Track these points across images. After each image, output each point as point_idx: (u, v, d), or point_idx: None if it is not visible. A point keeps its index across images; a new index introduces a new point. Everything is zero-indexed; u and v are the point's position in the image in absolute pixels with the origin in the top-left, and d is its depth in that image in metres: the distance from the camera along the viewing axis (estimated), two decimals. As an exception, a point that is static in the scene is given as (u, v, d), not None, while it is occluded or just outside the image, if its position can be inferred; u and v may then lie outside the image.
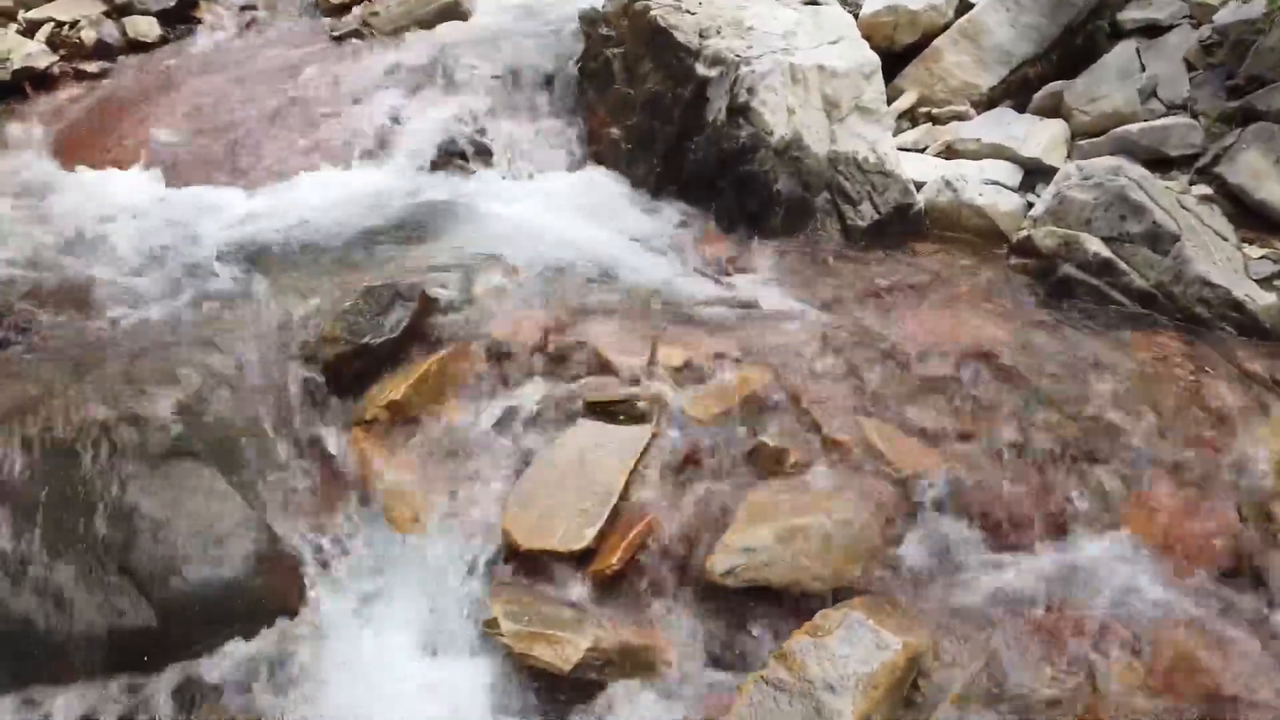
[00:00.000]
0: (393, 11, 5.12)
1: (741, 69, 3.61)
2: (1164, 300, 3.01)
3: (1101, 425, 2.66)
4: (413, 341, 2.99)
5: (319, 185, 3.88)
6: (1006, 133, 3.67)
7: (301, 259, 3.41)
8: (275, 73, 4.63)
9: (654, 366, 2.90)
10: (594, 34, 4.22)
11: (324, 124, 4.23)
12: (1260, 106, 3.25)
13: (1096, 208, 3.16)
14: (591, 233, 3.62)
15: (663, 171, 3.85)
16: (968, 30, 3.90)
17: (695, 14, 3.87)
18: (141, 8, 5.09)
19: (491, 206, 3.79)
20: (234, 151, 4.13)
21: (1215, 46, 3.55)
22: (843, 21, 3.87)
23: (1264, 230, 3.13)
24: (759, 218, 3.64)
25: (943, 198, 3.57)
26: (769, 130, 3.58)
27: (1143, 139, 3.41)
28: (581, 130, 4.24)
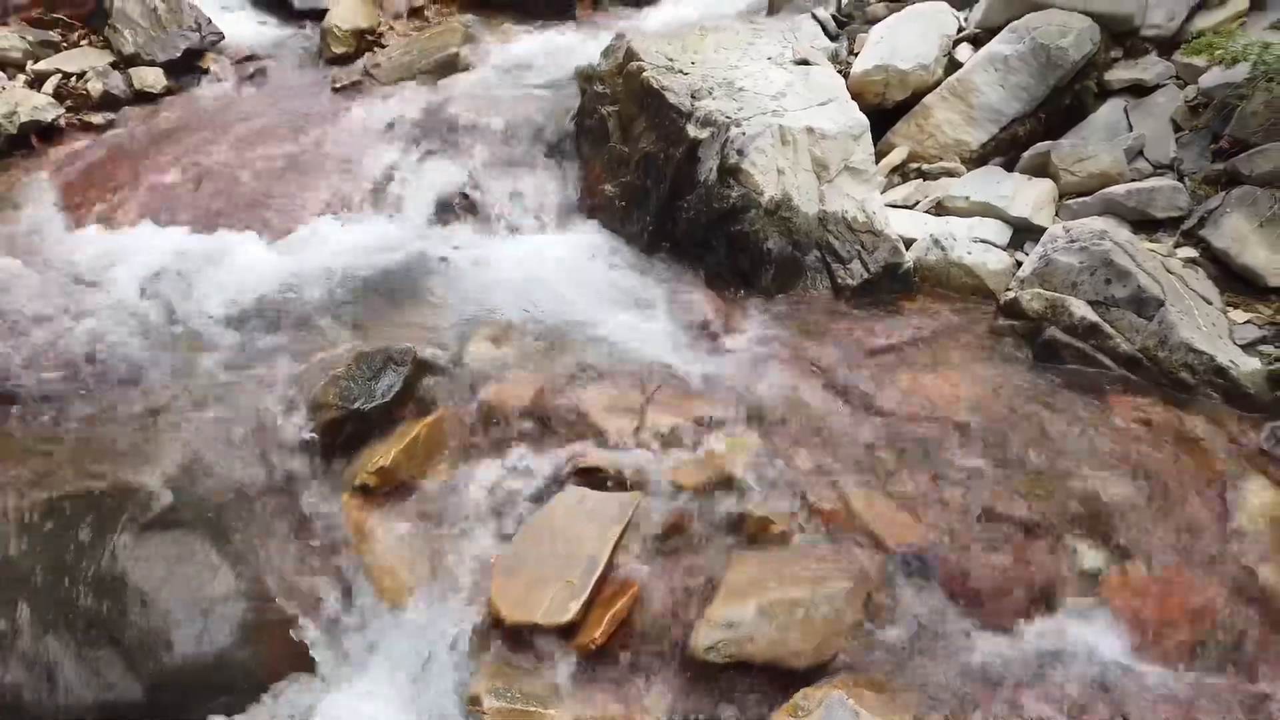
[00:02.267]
0: (394, 63, 5.21)
1: (732, 130, 3.66)
2: (1149, 365, 3.02)
3: (1085, 495, 2.68)
4: (405, 404, 3.03)
5: (318, 240, 3.93)
6: (995, 191, 3.70)
7: (299, 317, 3.46)
8: (277, 125, 4.71)
9: (642, 432, 2.93)
10: (590, 91, 4.29)
11: (324, 178, 4.29)
12: (1244, 170, 3.28)
13: (1082, 271, 3.19)
14: (584, 291, 3.66)
15: (656, 229, 3.89)
16: (957, 89, 3.95)
17: (688, 74, 3.93)
18: (148, 59, 5.17)
19: (487, 262, 3.84)
20: (234, 207, 4.19)
21: (1201, 108, 3.59)
22: (833, 83, 3.92)
23: (1248, 294, 3.15)
24: (750, 276, 3.68)
25: (932, 256, 3.60)
26: (759, 190, 3.62)
27: (1129, 201, 3.44)
28: (577, 185, 4.29)
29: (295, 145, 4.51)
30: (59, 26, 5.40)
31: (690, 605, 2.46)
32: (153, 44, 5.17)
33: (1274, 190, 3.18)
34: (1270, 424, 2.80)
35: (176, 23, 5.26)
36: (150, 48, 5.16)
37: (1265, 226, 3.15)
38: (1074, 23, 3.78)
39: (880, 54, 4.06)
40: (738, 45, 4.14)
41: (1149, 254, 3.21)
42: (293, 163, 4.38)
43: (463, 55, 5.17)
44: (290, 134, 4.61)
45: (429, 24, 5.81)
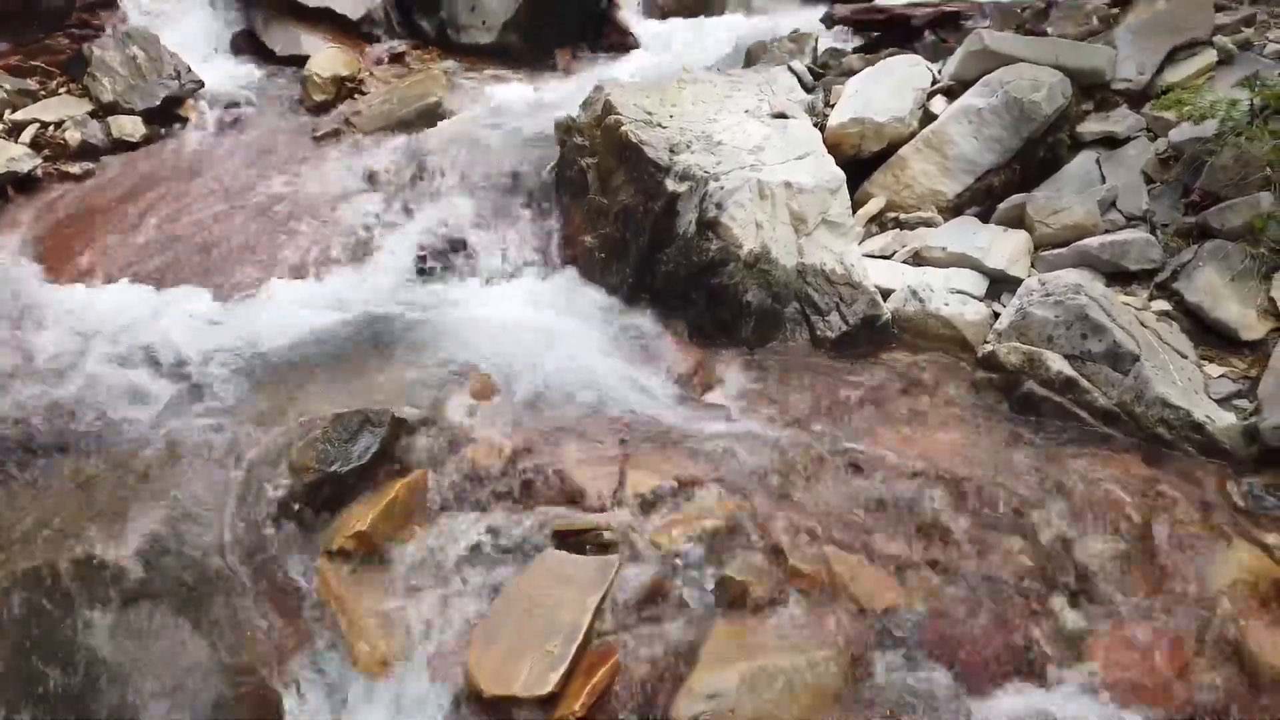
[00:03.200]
0: (374, 111, 5.22)
1: (710, 185, 3.69)
2: (1126, 419, 3.04)
3: (1066, 553, 2.68)
4: (382, 465, 3.00)
5: (295, 294, 3.92)
6: (972, 242, 3.73)
7: (276, 376, 3.43)
8: (256, 175, 4.70)
9: (622, 492, 2.92)
10: (569, 143, 4.31)
11: (303, 229, 4.29)
12: (1215, 224, 3.33)
13: (1058, 325, 3.22)
14: (564, 344, 3.65)
15: (635, 281, 3.90)
16: (932, 140, 3.99)
17: (666, 128, 3.96)
18: (127, 107, 5.16)
19: (466, 316, 3.83)
20: (212, 259, 4.17)
21: (1172, 160, 3.64)
22: (809, 136, 3.96)
23: (1222, 348, 3.18)
24: (730, 328, 3.69)
25: (910, 307, 3.62)
26: (738, 244, 3.64)
27: (1103, 253, 3.48)
28: (557, 235, 4.30)
29: (274, 195, 4.50)
30: (37, 75, 5.39)
31: (671, 674, 2.44)
32: (132, 92, 5.16)
33: (1245, 244, 3.22)
34: (1247, 480, 2.82)
35: (156, 71, 5.26)
36: (129, 96, 5.15)
37: (1237, 280, 3.19)
38: (1045, 77, 3.84)
39: (856, 107, 4.10)
40: (715, 98, 4.18)
41: (1124, 308, 3.24)
42: (271, 213, 4.38)
43: (443, 104, 5.20)
44: (269, 184, 4.61)
45: (410, 71, 5.84)
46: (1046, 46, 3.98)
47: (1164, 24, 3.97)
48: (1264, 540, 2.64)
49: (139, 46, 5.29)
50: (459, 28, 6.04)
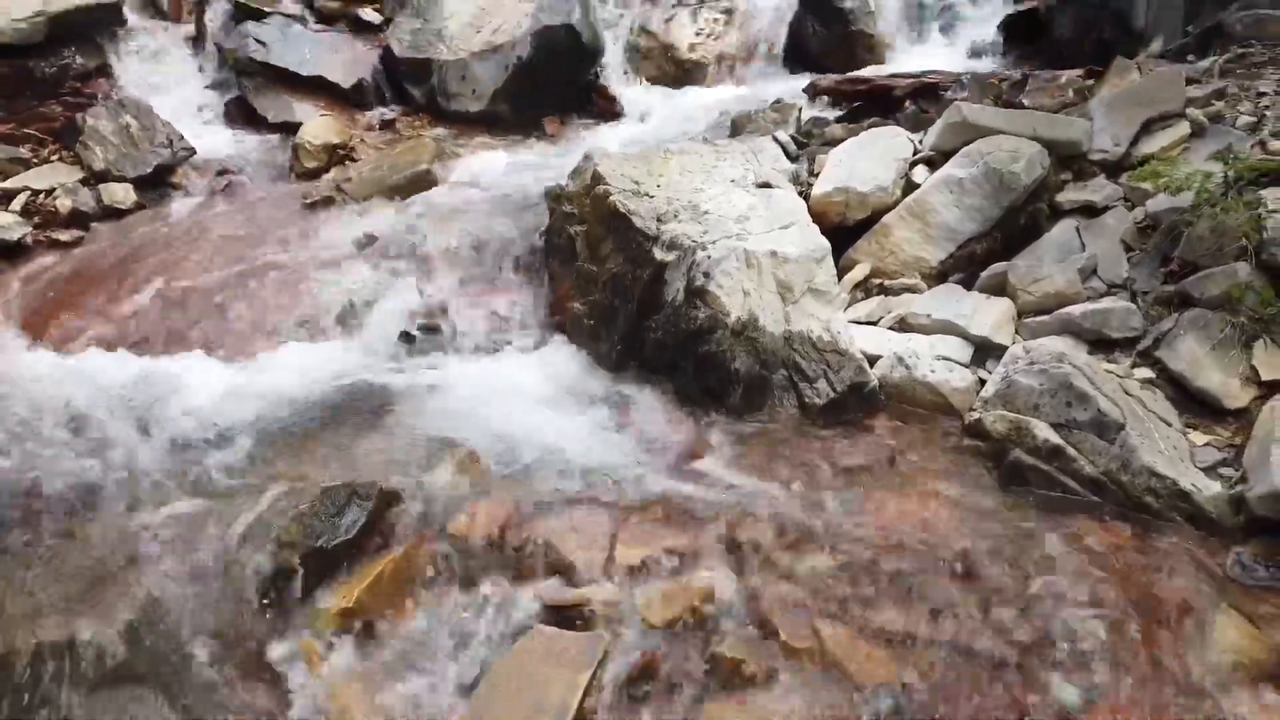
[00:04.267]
0: (364, 178, 5.29)
1: (698, 254, 3.74)
2: (1114, 488, 3.05)
3: (1057, 626, 2.66)
4: (369, 539, 2.97)
5: (283, 363, 3.92)
6: (956, 309, 3.78)
7: (262, 447, 3.41)
8: (246, 243, 4.73)
9: (611, 564, 2.89)
10: (558, 210, 4.36)
11: (291, 298, 4.30)
12: (1195, 293, 3.38)
13: (1043, 394, 3.25)
14: (552, 413, 3.66)
15: (624, 349, 3.92)
16: (915, 209, 4.06)
17: (654, 197, 4.01)
18: (118, 174, 5.21)
19: (455, 383, 3.84)
20: (200, 327, 4.18)
21: (1150, 229, 3.71)
22: (794, 206, 4.03)
23: (1206, 416, 3.20)
24: (718, 395, 3.70)
25: (896, 374, 3.65)
26: (725, 312, 3.67)
27: (1085, 321, 3.52)
28: (546, 302, 4.33)
29: (263, 263, 4.53)
30: (30, 142, 5.45)
31: (662, 756, 2.40)
32: (124, 160, 5.22)
33: (1224, 313, 3.27)
34: (1236, 549, 2.83)
35: (149, 139, 5.33)
36: (121, 164, 5.21)
37: (1218, 350, 3.23)
38: (1024, 148, 3.93)
39: (840, 176, 4.18)
40: (702, 168, 4.25)
41: (1108, 376, 3.27)
42: (260, 282, 4.39)
43: (433, 171, 5.26)
44: (259, 252, 4.64)
45: (400, 138, 5.94)
46: (1024, 119, 4.08)
47: (1137, 97, 4.08)
48: (1254, 612, 2.64)
49: (131, 115, 5.36)
50: (449, 96, 6.14)
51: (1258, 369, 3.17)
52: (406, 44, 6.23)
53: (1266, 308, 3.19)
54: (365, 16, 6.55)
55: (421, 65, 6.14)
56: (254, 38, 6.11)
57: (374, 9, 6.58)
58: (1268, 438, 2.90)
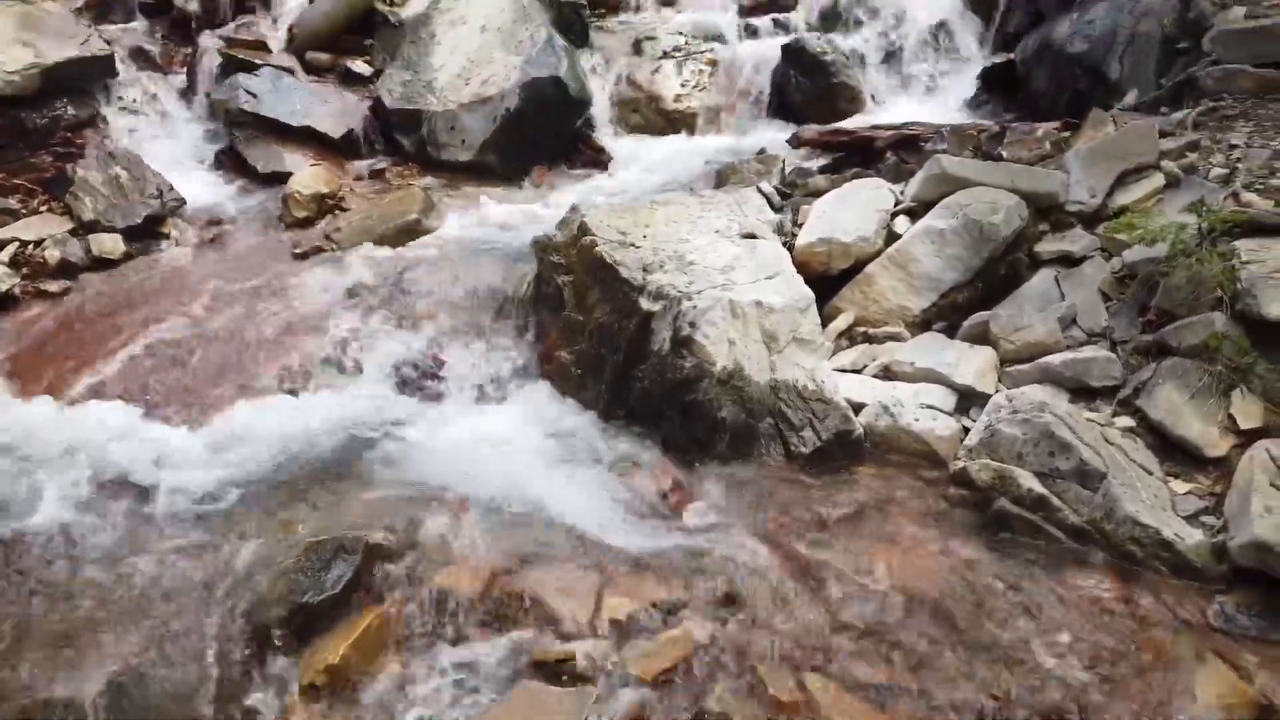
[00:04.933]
0: (355, 228, 5.33)
1: (684, 304, 3.78)
2: (1098, 537, 3.07)
3: (1044, 678, 2.67)
4: (355, 593, 2.96)
5: (272, 413, 3.91)
6: (939, 358, 3.82)
7: (250, 499, 3.41)
8: (235, 293, 4.75)
9: (598, 618, 2.89)
10: (546, 260, 4.40)
11: (280, 348, 4.31)
12: (1172, 342, 3.43)
13: (1026, 443, 3.28)
14: (541, 462, 3.67)
15: (611, 398, 3.95)
16: (897, 259, 4.12)
17: (640, 248, 4.06)
18: (108, 225, 5.23)
19: (442, 434, 3.85)
20: (188, 377, 4.18)
21: (1128, 279, 3.78)
22: (779, 256, 4.08)
23: (1187, 464, 3.23)
24: (705, 444, 3.72)
25: (881, 422, 3.68)
26: (711, 361, 3.71)
27: (1066, 370, 3.56)
28: (534, 351, 4.35)
29: (252, 313, 4.54)
30: (19, 193, 5.47)
31: (650, 814, 2.38)
32: (113, 211, 5.24)
33: (1201, 363, 3.32)
34: (1219, 599, 2.84)
35: (139, 190, 5.36)
36: (111, 214, 5.23)
37: (1197, 398, 3.28)
38: (1002, 199, 4.00)
39: (823, 227, 4.24)
40: (687, 219, 4.31)
41: (1089, 425, 3.31)
42: (249, 332, 4.40)
43: (422, 221, 5.31)
44: (248, 302, 4.65)
45: (390, 187, 5.99)
46: (1002, 172, 4.16)
47: (1112, 150, 4.17)
48: (1239, 661, 2.65)
49: (122, 166, 5.40)
50: (439, 145, 6.21)
51: (1236, 417, 3.21)
52: (397, 95, 6.32)
53: (1243, 357, 3.24)
54: (355, 68, 6.65)
55: (411, 116, 6.22)
56: (245, 89, 6.18)
57: (364, 61, 6.69)
58: (1247, 487, 2.93)
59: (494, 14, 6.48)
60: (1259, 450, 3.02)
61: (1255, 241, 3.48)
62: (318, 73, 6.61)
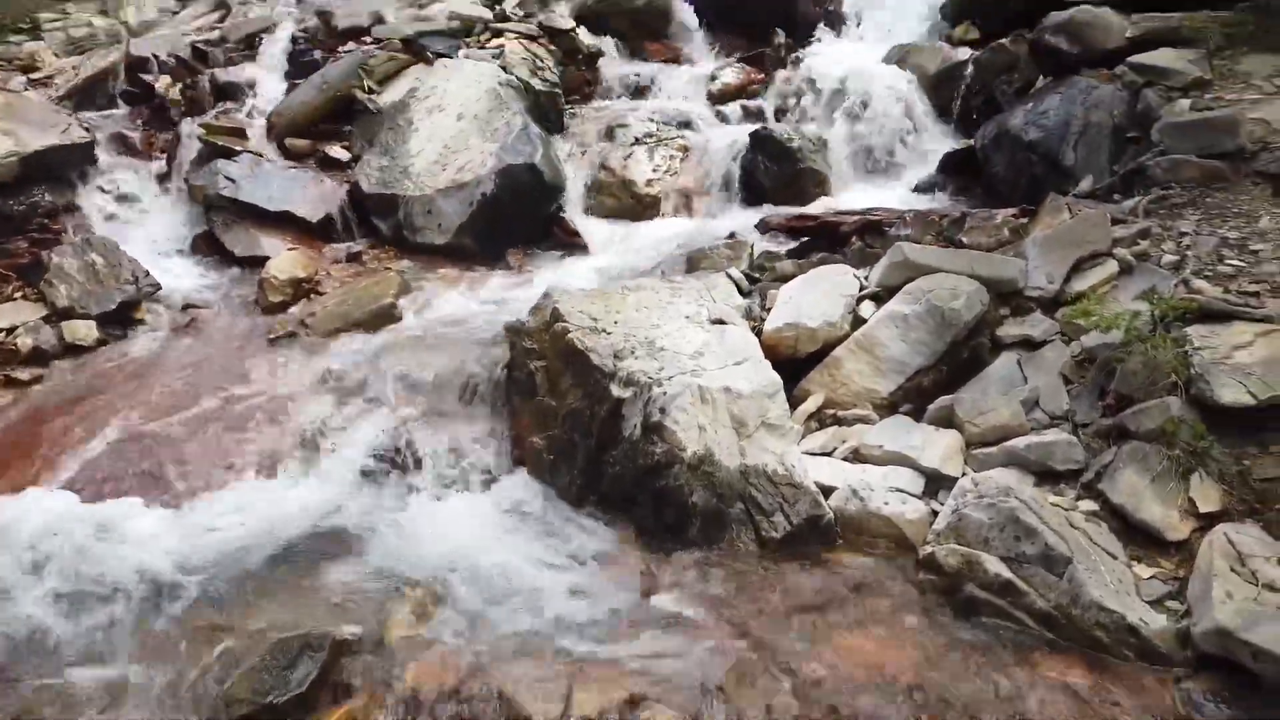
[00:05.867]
0: (330, 312, 5.37)
1: (654, 390, 3.83)
2: (1065, 623, 3.09)
3: (1015, 769, 2.67)
4: (321, 691, 2.92)
5: (241, 504, 3.90)
6: (906, 441, 3.87)
7: (217, 592, 3.38)
8: (208, 380, 4.76)
9: (569, 714, 2.86)
10: (519, 346, 4.46)
11: (251, 436, 4.31)
12: (1131, 426, 3.51)
13: (993, 527, 3.32)
14: (510, 552, 3.66)
15: (583, 483, 3.96)
16: (863, 342, 4.21)
17: (611, 334, 4.13)
18: (82, 312, 5.24)
19: (412, 523, 3.84)
20: (158, 465, 4.15)
21: (1087, 363, 3.87)
22: (747, 342, 4.16)
23: (1150, 548, 3.28)
24: (677, 529, 3.73)
25: (851, 506, 3.71)
26: (682, 446, 3.74)
27: (1030, 454, 3.63)
28: (507, 435, 4.37)
29: (224, 401, 4.55)
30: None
31: None
32: (88, 297, 5.26)
33: (1160, 446, 3.39)
34: (1185, 685, 2.86)
35: (114, 276, 5.40)
36: (85, 301, 5.25)
37: (1157, 482, 3.34)
38: (964, 286, 4.12)
39: (790, 313, 4.34)
40: (658, 304, 4.39)
41: (1054, 509, 3.36)
42: (220, 420, 4.40)
43: (398, 305, 5.36)
44: (220, 389, 4.66)
45: (366, 271, 6.03)
46: (962, 258, 4.29)
47: (1067, 237, 4.31)
48: (1207, 751, 2.66)
49: (98, 253, 5.44)
50: (415, 229, 6.29)
51: (1195, 501, 3.27)
52: (374, 180, 6.42)
53: (1199, 441, 3.32)
54: (333, 154, 6.76)
55: (388, 200, 6.32)
56: (224, 175, 6.26)
57: (342, 147, 6.81)
58: (1208, 571, 2.97)
59: (471, 102, 6.65)
60: (1218, 535, 3.08)
61: (1206, 328, 3.60)
62: (297, 158, 6.72)
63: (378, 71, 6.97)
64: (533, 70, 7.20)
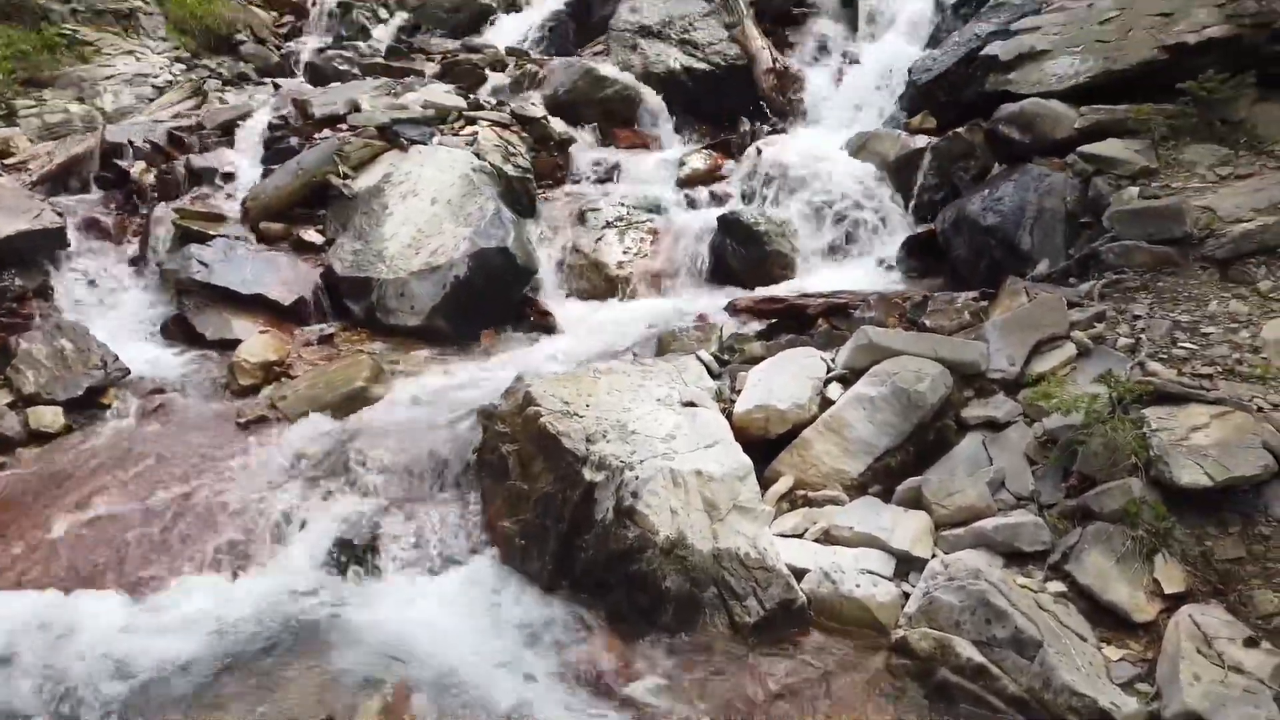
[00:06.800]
0: (301, 395, 5.34)
1: (626, 474, 3.85)
2: (1037, 707, 3.10)
3: None
4: (285, 795, 2.85)
5: (206, 596, 3.83)
6: (876, 523, 3.91)
7: (182, 689, 3.30)
8: (174, 466, 4.69)
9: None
10: (491, 429, 4.47)
11: (216, 525, 4.24)
12: (1094, 507, 3.58)
13: (964, 610, 3.34)
14: (482, 641, 3.62)
15: (556, 568, 3.94)
16: (832, 424, 4.27)
17: (583, 418, 4.16)
18: (49, 398, 5.18)
19: (383, 612, 3.78)
20: (122, 559, 4.07)
21: (1050, 444, 3.95)
22: (718, 424, 4.21)
23: (1119, 629, 3.31)
24: (650, 615, 3.71)
25: (823, 589, 3.72)
26: (654, 530, 3.75)
27: (998, 535, 3.67)
28: (478, 519, 4.35)
29: (190, 488, 4.48)
30: (-41, 366, 5.42)
31: None
32: (55, 384, 5.21)
33: (1124, 527, 3.45)
34: (1159, 770, 2.87)
35: (83, 362, 5.36)
36: (52, 387, 5.20)
37: (1122, 563, 3.39)
38: (928, 368, 4.21)
39: (759, 395, 4.40)
40: (629, 387, 4.44)
41: (1023, 592, 3.39)
42: (185, 509, 4.34)
43: (370, 388, 5.35)
44: (187, 475, 4.60)
45: (338, 353, 6.03)
46: (926, 342, 4.40)
47: (1026, 321, 4.44)
48: (1182, 838, 2.65)
49: (68, 338, 5.41)
50: (388, 311, 6.33)
51: (1160, 582, 3.32)
52: (348, 263, 6.48)
53: (1161, 522, 3.38)
54: (307, 237, 6.82)
55: (362, 284, 6.37)
56: (197, 259, 6.28)
57: (316, 231, 6.87)
58: (1175, 654, 3.01)
59: (445, 187, 6.77)
60: (1183, 616, 3.12)
61: (1163, 409, 3.70)
62: (271, 242, 6.77)
63: (353, 157, 7.09)
64: (505, 156, 7.36)
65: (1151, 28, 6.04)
